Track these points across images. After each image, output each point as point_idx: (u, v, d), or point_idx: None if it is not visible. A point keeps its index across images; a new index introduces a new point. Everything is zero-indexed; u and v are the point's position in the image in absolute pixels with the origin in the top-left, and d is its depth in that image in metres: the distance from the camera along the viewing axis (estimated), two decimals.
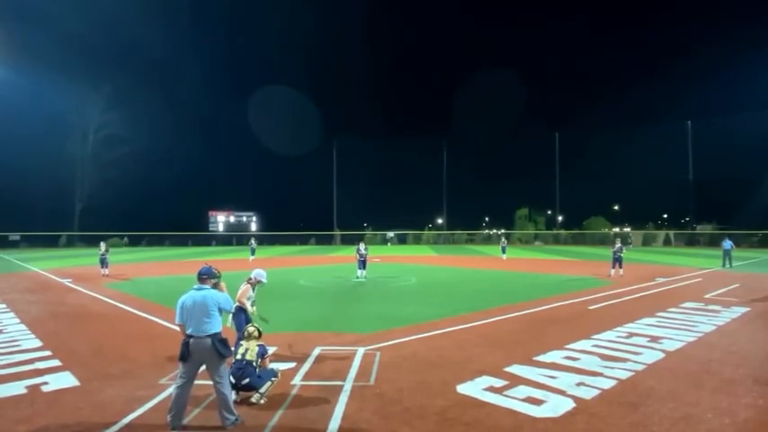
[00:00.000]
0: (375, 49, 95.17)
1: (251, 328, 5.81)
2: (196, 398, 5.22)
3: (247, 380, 5.22)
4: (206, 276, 4.93)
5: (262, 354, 5.57)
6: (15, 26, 50.66)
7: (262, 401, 5.20)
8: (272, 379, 5.41)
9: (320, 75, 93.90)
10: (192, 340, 4.57)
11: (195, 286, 4.84)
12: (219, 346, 4.58)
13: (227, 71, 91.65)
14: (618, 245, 18.54)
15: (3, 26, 47.63)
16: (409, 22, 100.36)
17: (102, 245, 20.26)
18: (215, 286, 5.07)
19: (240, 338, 5.88)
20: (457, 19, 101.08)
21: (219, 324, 4.74)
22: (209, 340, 4.57)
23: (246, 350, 5.47)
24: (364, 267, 18.01)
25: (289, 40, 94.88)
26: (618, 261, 18.29)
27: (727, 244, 22.34)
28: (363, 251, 18.19)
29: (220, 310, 4.79)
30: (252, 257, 28.48)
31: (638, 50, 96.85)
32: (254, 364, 5.38)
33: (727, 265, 21.85)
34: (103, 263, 19.61)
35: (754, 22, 74.96)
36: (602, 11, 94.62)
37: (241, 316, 6.75)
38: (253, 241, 31.08)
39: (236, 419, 4.59)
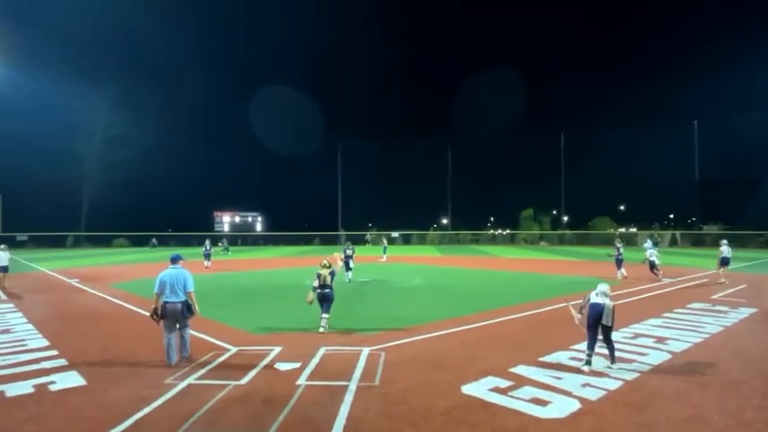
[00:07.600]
0: (379, 49, 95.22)
1: (324, 261, 8.69)
2: (202, 400, 5.25)
3: (328, 290, 8.46)
4: (179, 259, 7.09)
5: (332, 273, 8.58)
6: (23, 29, 51.23)
7: (323, 330, 8.32)
8: (327, 315, 8.52)
9: (325, 76, 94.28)
10: (168, 305, 6.65)
11: (170, 266, 6.93)
12: (185, 310, 6.74)
13: (233, 73, 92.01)
14: (619, 247, 17.93)
15: (11, 29, 48.11)
16: (413, 21, 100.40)
17: (207, 242, 23.86)
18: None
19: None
20: (460, 19, 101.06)
21: (183, 295, 6.76)
22: (179, 305, 6.69)
23: (324, 277, 8.46)
24: (349, 269, 16.84)
25: (293, 41, 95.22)
26: (618, 263, 17.65)
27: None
28: (348, 252, 17.27)
29: (185, 287, 6.79)
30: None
31: (643, 49, 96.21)
32: (329, 281, 8.50)
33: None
34: (207, 257, 23.00)
35: (762, 19, 74.31)
36: (607, 9, 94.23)
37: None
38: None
39: (188, 356, 6.78)
